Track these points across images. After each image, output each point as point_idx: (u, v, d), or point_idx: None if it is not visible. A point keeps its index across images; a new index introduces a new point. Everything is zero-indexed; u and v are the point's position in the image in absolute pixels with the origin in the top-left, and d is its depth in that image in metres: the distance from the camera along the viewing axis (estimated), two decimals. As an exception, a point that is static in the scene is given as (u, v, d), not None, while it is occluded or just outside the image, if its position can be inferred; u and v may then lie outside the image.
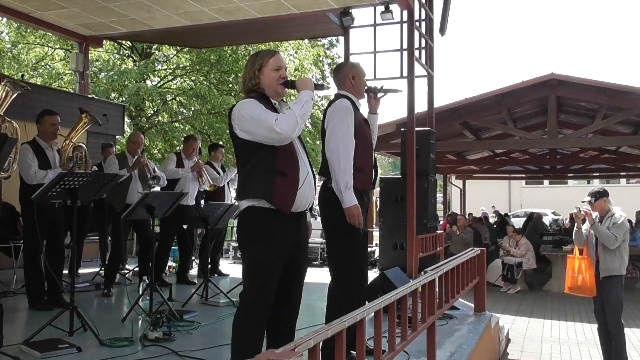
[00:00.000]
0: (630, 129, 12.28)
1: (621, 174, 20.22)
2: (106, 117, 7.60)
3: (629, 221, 6.52)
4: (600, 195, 5.30)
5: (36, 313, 4.51)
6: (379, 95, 3.59)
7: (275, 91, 2.78)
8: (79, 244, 6.20)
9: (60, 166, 4.76)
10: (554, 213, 27.01)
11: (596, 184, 27.29)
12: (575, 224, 5.47)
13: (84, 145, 5.14)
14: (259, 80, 2.76)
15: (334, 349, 2.13)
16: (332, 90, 3.64)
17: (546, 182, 31.08)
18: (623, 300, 5.28)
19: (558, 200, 28.27)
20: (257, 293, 2.63)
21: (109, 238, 6.62)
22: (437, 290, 3.61)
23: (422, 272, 3.42)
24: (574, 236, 5.49)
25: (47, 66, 17.39)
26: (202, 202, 6.74)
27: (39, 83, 14.85)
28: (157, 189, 5.89)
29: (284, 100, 2.88)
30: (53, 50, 17.23)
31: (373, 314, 2.53)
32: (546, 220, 20.36)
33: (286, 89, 2.83)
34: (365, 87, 3.54)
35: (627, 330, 5.46)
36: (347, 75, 3.47)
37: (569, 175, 20.70)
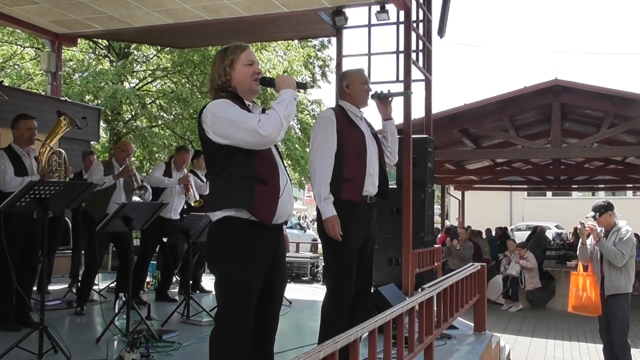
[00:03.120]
0: (637, 138, 12.42)
1: (627, 185, 20.43)
2: (86, 120, 7.55)
3: (636, 235, 6.59)
4: (604, 210, 5.35)
5: (2, 334, 4.43)
6: (389, 99, 3.67)
7: (249, 88, 2.72)
8: (49, 259, 6.14)
9: (38, 173, 4.73)
10: (557, 226, 27.16)
11: (601, 196, 27.54)
12: (580, 240, 5.53)
13: (63, 151, 5.12)
14: (230, 77, 2.69)
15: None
16: (318, 90, 3.77)
17: (549, 193, 31.30)
18: (629, 319, 5.33)
19: (561, 213, 28.43)
20: (235, 313, 2.55)
21: (82, 252, 6.56)
22: (435, 308, 3.62)
23: (420, 289, 3.43)
24: (578, 252, 5.57)
25: (16, 66, 17.26)
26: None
27: (6, 84, 14.73)
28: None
29: (254, 101, 2.82)
30: (22, 48, 17.12)
31: (367, 333, 2.53)
32: (549, 234, 20.48)
33: (260, 86, 2.78)
34: (372, 93, 3.63)
35: (634, 351, 5.50)
36: (341, 85, 3.64)
37: (573, 186, 20.93)
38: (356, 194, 3.43)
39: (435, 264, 6.33)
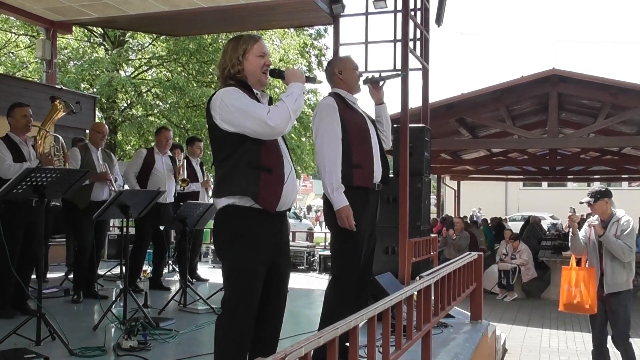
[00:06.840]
0: (634, 129, 12.47)
1: (623, 176, 20.50)
2: (80, 105, 7.52)
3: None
4: (601, 196, 4.88)
5: (-1, 321, 4.46)
6: (380, 83, 3.65)
7: (258, 80, 2.76)
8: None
9: (37, 158, 4.74)
10: (552, 217, 27.29)
11: (597, 187, 27.60)
12: (571, 229, 5.06)
13: (60, 137, 5.11)
14: (243, 67, 2.73)
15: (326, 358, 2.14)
16: (325, 85, 3.73)
17: (545, 184, 31.40)
18: (630, 317, 4.99)
19: (557, 203, 28.55)
20: (239, 299, 2.61)
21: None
22: (433, 296, 3.64)
23: (418, 277, 3.45)
24: (569, 243, 5.15)
25: (10, 54, 17.17)
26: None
27: (1, 72, 14.66)
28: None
29: (264, 90, 2.86)
30: (17, 36, 17.01)
31: (366, 320, 2.54)
32: (544, 225, 20.58)
33: (269, 78, 2.82)
34: (363, 79, 3.61)
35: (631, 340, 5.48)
36: (333, 71, 3.59)
37: (569, 177, 20.98)
38: (367, 179, 3.44)
39: (432, 253, 6.35)
